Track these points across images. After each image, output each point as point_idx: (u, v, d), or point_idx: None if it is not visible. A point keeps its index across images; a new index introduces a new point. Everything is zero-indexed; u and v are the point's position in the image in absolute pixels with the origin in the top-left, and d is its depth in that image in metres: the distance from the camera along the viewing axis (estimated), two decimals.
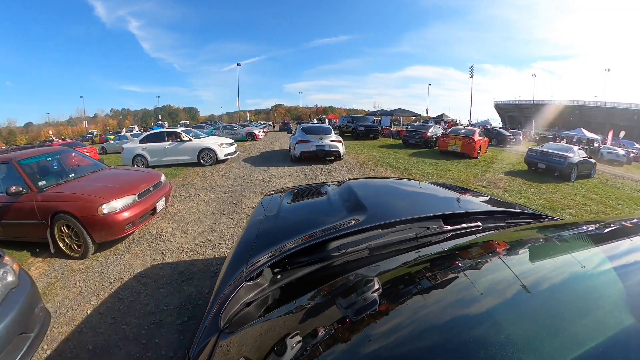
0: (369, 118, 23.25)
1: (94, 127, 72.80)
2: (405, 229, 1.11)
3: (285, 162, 9.76)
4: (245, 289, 0.92)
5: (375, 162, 9.85)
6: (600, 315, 0.53)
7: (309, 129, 10.16)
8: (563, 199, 6.38)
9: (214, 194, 5.79)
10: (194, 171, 8.46)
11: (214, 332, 0.78)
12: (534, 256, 0.81)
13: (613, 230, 0.99)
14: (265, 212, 1.61)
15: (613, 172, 12.74)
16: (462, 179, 7.60)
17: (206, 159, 9.34)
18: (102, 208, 3.27)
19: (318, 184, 2.25)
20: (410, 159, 10.73)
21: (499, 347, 0.47)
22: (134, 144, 9.80)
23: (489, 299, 0.62)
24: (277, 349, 0.60)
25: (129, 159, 9.64)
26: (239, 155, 11.06)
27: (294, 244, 1.10)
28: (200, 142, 9.49)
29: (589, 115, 40.52)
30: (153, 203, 3.87)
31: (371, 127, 18.56)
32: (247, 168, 8.68)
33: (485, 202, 1.68)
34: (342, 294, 0.79)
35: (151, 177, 4.28)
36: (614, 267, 0.67)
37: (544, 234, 1.05)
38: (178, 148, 9.36)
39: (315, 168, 8.49)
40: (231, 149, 9.85)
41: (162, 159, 9.45)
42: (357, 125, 18.43)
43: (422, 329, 0.58)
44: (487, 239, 1.05)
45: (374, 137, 18.07)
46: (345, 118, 22.82)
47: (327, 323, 0.66)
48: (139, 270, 3.08)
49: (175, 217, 4.60)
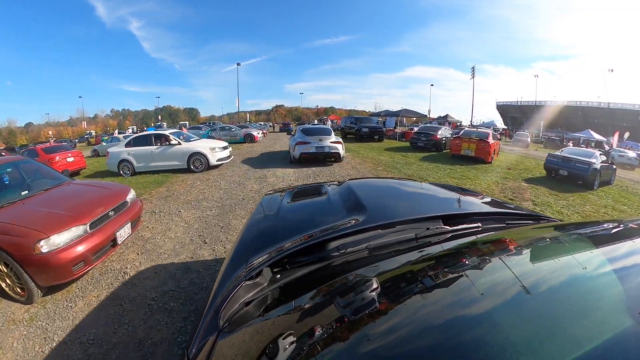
0: (372, 119, 22.32)
1: (94, 127, 72.97)
2: (405, 230, 1.11)
3: (285, 166, 9.00)
4: (244, 288, 0.92)
5: (385, 167, 9.04)
6: (599, 316, 0.53)
7: (308, 130, 9.94)
8: (595, 212, 5.70)
9: (199, 211, 4.98)
10: (182, 179, 7.66)
11: (213, 331, 0.78)
12: (534, 257, 0.82)
13: (613, 231, 0.98)
14: (265, 211, 1.60)
15: (629, 176, 12.05)
16: (484, 189, 6.81)
17: (197, 164, 8.51)
18: (39, 245, 2.48)
19: (318, 184, 2.21)
20: (423, 164, 9.90)
21: (498, 348, 0.47)
22: (120, 148, 9.02)
23: (489, 299, 0.61)
24: (277, 348, 0.60)
25: (114, 164, 8.87)
26: (234, 159, 10.27)
27: (293, 243, 1.10)
28: (190, 146, 8.64)
29: (592, 116, 40.18)
30: (112, 233, 3.06)
31: (376, 129, 17.66)
32: (242, 175, 7.84)
33: (485, 203, 1.66)
34: (342, 294, 0.79)
35: (113, 195, 3.46)
36: (614, 268, 0.67)
37: (544, 235, 1.05)
38: (166, 153, 8.55)
39: (318, 175, 7.68)
40: (224, 154, 9.01)
41: (149, 164, 8.67)
42: (360, 127, 17.47)
43: (421, 329, 0.57)
44: (486, 240, 1.04)
45: (379, 139, 17.21)
46: (348, 119, 21.65)
47: (326, 323, 0.66)
48: (89, 332, 2.29)
49: (148, 244, 3.79)
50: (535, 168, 10.34)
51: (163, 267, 3.22)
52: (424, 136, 13.33)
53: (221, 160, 8.83)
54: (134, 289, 2.83)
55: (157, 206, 5.38)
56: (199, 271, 3.10)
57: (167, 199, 5.84)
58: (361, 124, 17.93)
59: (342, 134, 20.06)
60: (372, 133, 17.04)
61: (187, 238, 3.95)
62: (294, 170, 8.39)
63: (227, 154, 9.16)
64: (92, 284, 2.94)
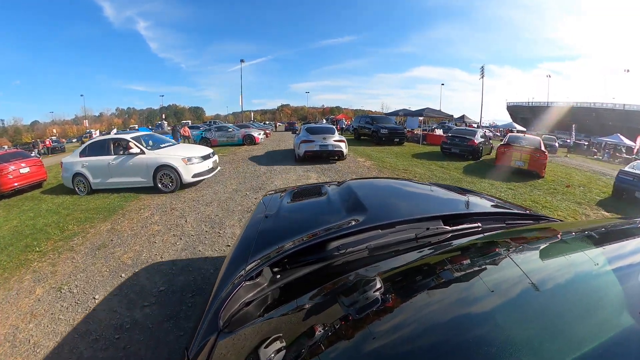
0: (390, 119, 18.99)
1: (98, 126, 72.52)
2: (405, 230, 1.10)
3: (290, 180, 6.73)
4: (244, 289, 0.91)
5: None
6: (600, 316, 0.53)
7: (312, 129, 10.04)
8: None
9: (125, 299, 2.78)
10: (141, 205, 5.47)
11: (213, 332, 0.78)
12: (534, 257, 0.81)
13: (613, 231, 0.99)
14: (265, 211, 1.59)
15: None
16: (564, 217, 4.53)
17: (165, 181, 6.25)
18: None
19: (318, 184, 2.21)
20: (470, 178, 7.68)
21: (498, 347, 0.47)
22: (74, 158, 6.92)
23: (489, 299, 0.61)
24: (276, 348, 0.60)
25: (68, 179, 6.81)
26: (222, 170, 8.04)
27: (293, 243, 1.09)
28: (157, 157, 6.33)
29: (606, 117, 38.42)
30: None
31: (396, 130, 14.89)
32: (226, 202, 5.49)
33: (484, 203, 1.63)
34: (342, 294, 0.78)
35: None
36: (614, 268, 0.66)
37: (544, 235, 1.04)
38: (126, 165, 6.36)
39: None
40: (204, 166, 6.56)
41: (107, 180, 6.53)
42: (378, 128, 14.71)
43: (422, 329, 0.57)
44: (487, 240, 1.03)
45: (399, 142, 14.63)
46: (363, 118, 18.20)
47: (327, 323, 0.65)
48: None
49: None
50: (589, 184, 8.06)
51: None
52: (459, 141, 10.85)
53: (200, 176, 6.48)
54: None
55: (75, 271, 3.25)
56: None
57: (98, 252, 3.68)
58: (379, 124, 15.16)
59: (355, 134, 17.69)
60: (392, 135, 14.38)
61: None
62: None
63: (210, 165, 6.76)
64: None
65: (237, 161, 10.20)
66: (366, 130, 16.21)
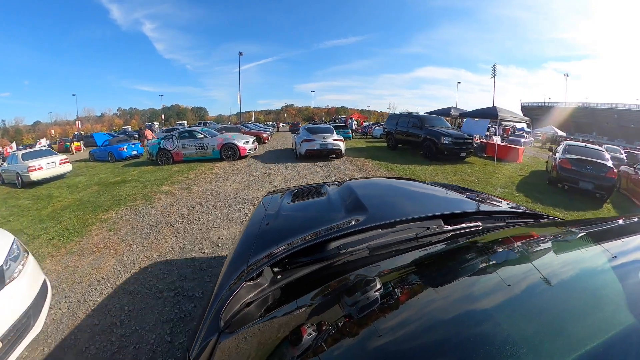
0: (441, 119, 12.31)
1: (99, 126, 70.03)
2: (405, 229, 1.10)
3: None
4: (245, 289, 0.91)
5: None
6: (600, 314, 0.52)
7: (313, 129, 10.47)
8: None
9: None
10: None
11: (214, 333, 0.78)
12: (534, 256, 0.80)
13: (614, 229, 0.97)
14: (265, 211, 1.60)
15: None
16: None
17: None
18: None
19: (318, 184, 2.23)
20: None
21: (499, 346, 0.46)
22: None
23: (489, 298, 0.61)
24: (277, 349, 0.61)
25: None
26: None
27: (294, 243, 1.09)
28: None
29: (628, 119, 36.43)
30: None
31: (464, 140, 9.84)
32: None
33: (485, 202, 1.61)
34: (343, 293, 0.77)
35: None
36: (615, 266, 0.66)
37: (545, 233, 1.03)
38: None
39: None
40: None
41: None
42: (436, 134, 9.76)
43: (423, 328, 0.57)
44: (487, 239, 1.03)
45: (465, 157, 10.02)
46: (403, 118, 12.25)
47: (328, 322, 0.65)
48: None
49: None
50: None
51: None
52: (592, 169, 6.16)
53: None
54: None
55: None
56: None
57: None
58: (434, 129, 10.21)
59: (389, 142, 12.97)
60: (457, 147, 9.61)
61: None
62: None
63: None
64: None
65: (192, 199, 5.65)
66: (410, 137, 11.22)
